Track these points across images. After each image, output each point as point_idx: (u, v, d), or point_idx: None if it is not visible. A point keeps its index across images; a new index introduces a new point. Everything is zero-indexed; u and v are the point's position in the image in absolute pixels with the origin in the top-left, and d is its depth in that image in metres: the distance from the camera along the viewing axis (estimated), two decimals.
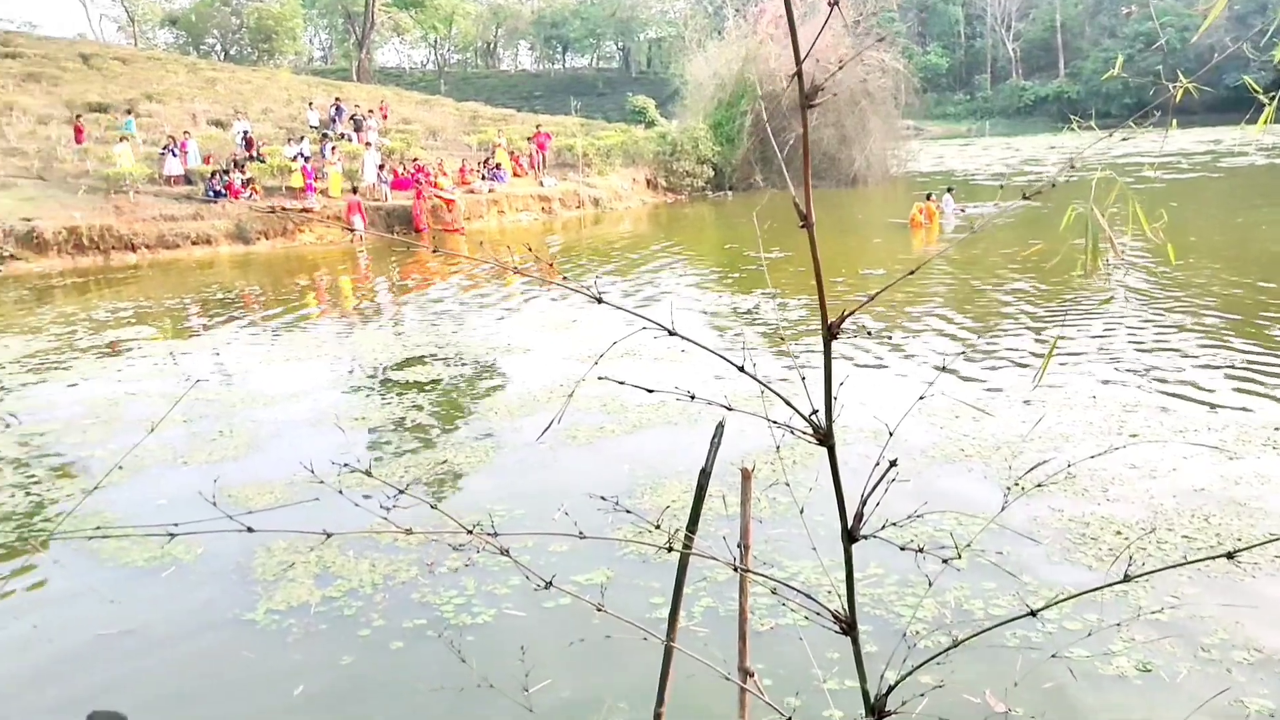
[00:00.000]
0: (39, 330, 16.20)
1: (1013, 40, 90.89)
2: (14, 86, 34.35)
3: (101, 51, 42.62)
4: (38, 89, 34.76)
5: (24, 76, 35.68)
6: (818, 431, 1.52)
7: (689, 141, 38.91)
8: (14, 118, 31.46)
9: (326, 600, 6.14)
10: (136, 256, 25.35)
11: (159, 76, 39.21)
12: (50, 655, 5.65)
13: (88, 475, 8.89)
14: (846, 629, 1.61)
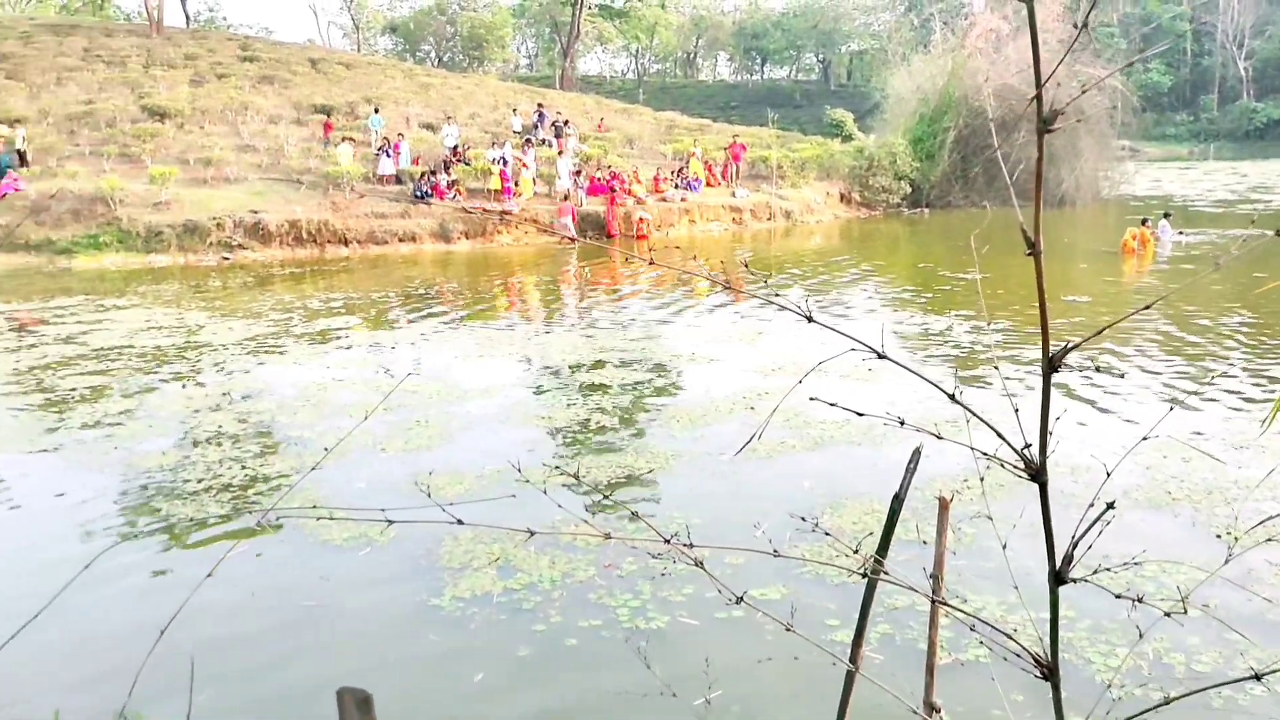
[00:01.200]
0: (259, 316, 17.39)
1: (1245, 58, 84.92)
2: (250, 88, 37.05)
3: (328, 56, 45.41)
4: (270, 90, 37.36)
5: (259, 79, 38.42)
6: (1030, 466, 1.46)
7: (886, 156, 38.16)
8: (248, 117, 33.93)
9: (507, 592, 6.33)
10: (348, 250, 26.87)
11: (378, 81, 41.45)
12: (261, 623, 6.04)
13: (295, 454, 9.47)
14: (1047, 674, 1.54)
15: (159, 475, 8.88)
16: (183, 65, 38.47)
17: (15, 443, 10.02)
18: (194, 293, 20.43)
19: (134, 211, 26.12)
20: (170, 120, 32.75)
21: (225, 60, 39.94)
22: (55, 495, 8.59)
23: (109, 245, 25.48)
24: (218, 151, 30.26)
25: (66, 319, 17.13)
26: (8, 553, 7.41)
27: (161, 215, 26.24)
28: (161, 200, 26.65)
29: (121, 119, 32.24)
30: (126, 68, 37.48)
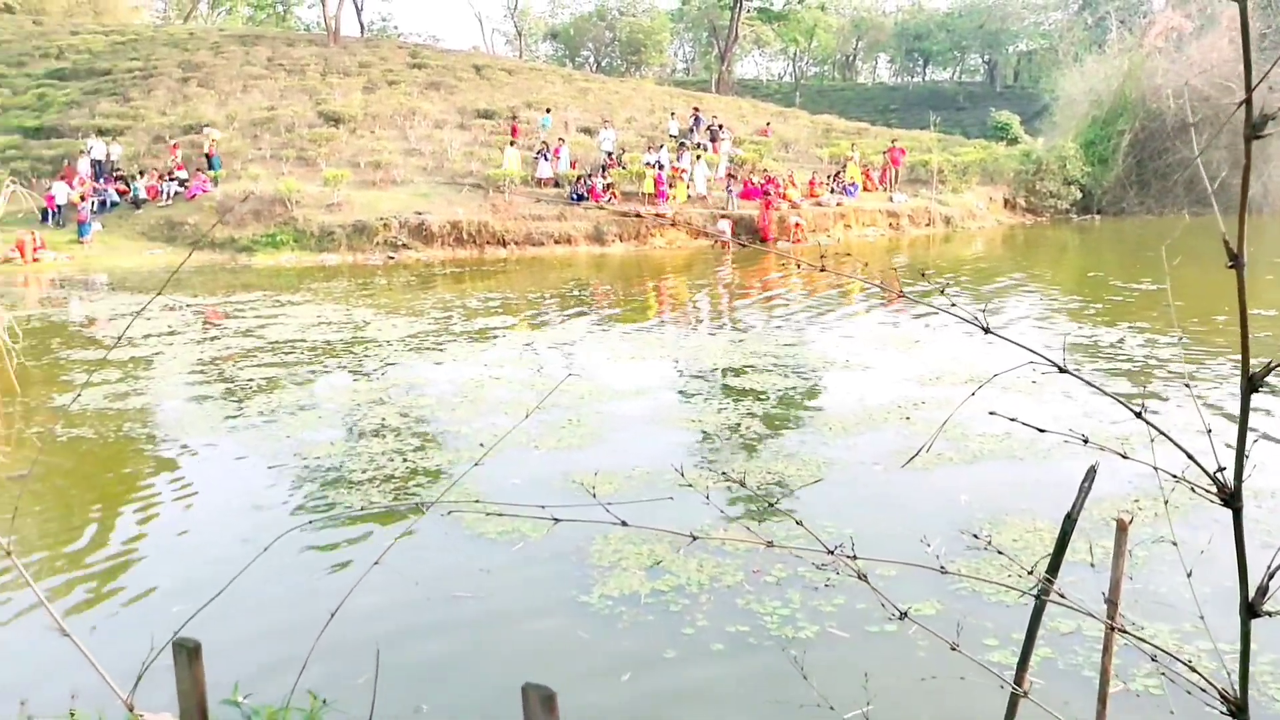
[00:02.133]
0: (421, 313, 18.02)
1: None
2: (418, 94, 38.46)
3: (491, 63, 46.71)
4: (437, 96, 38.70)
5: (426, 85, 39.84)
6: (1223, 490, 1.38)
7: (1055, 160, 36.72)
8: (416, 122, 35.22)
9: (655, 593, 6.36)
10: (506, 251, 27.58)
11: (538, 86, 42.39)
12: (419, 611, 6.26)
13: (453, 449, 9.76)
14: (1236, 710, 1.45)
15: (327, 464, 9.30)
16: (357, 73, 40.22)
17: (199, 429, 10.67)
18: (361, 290, 21.33)
19: (309, 212, 27.49)
20: (344, 125, 34.30)
21: (396, 67, 41.56)
22: (234, 480, 9.11)
23: (285, 244, 26.88)
24: (386, 155, 31.55)
25: (246, 313, 18.14)
26: (190, 533, 7.90)
27: (333, 216, 27.52)
28: (334, 202, 27.96)
29: (300, 124, 33.96)
30: (305, 76, 39.45)
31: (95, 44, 44.42)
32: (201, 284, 22.42)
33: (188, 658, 2.33)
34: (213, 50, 42.47)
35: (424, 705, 5.09)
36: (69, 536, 7.82)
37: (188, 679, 2.34)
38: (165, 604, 6.36)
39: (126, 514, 8.42)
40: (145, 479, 9.26)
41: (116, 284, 22.98)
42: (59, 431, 10.58)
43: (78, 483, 9.25)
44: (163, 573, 7.08)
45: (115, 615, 6.36)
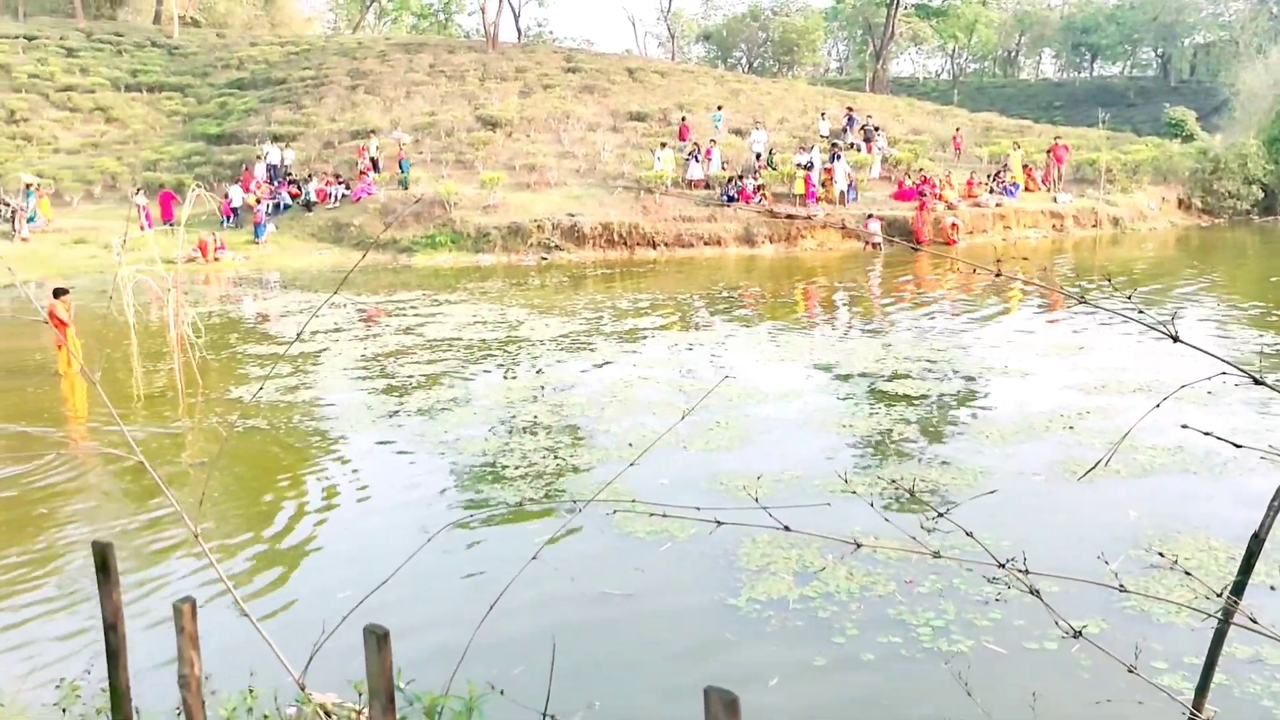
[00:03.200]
0: (573, 313, 18.32)
1: None
2: (572, 97, 39.13)
3: (644, 65, 47.11)
4: (590, 99, 39.28)
5: (580, 88, 40.50)
6: None
7: (1235, 159, 34.62)
8: (570, 125, 35.84)
9: (804, 599, 6.29)
10: (656, 253, 27.77)
11: (690, 88, 42.52)
12: (572, 607, 6.36)
13: (603, 448, 9.87)
14: None
15: (482, 459, 9.56)
16: (513, 78, 41.21)
17: (362, 422, 11.12)
18: (515, 290, 21.83)
19: (466, 214, 28.33)
20: (500, 129, 35.20)
21: (551, 72, 42.39)
22: (395, 472, 9.46)
23: (443, 245, 27.77)
24: (541, 158, 32.23)
25: (406, 312, 18.81)
26: (355, 523, 8.24)
27: (489, 217, 28.28)
28: (490, 204, 28.73)
29: (459, 128, 35.03)
30: (465, 81, 40.65)
31: (272, 54, 46.89)
32: (365, 283, 23.37)
33: (377, 643, 2.43)
34: (379, 58, 44.21)
35: (596, 702, 5.13)
36: (245, 523, 8.27)
37: (376, 663, 2.44)
38: (332, 590, 6.64)
39: (296, 503, 8.84)
40: (313, 470, 9.70)
41: (288, 283, 24.18)
42: (236, 422, 11.19)
43: (252, 472, 9.77)
44: (329, 560, 7.41)
45: (286, 599, 6.69)
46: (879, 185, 31.90)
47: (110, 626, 3.02)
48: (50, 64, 42.50)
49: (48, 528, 8.29)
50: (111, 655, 3.02)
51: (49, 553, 7.76)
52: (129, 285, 14.32)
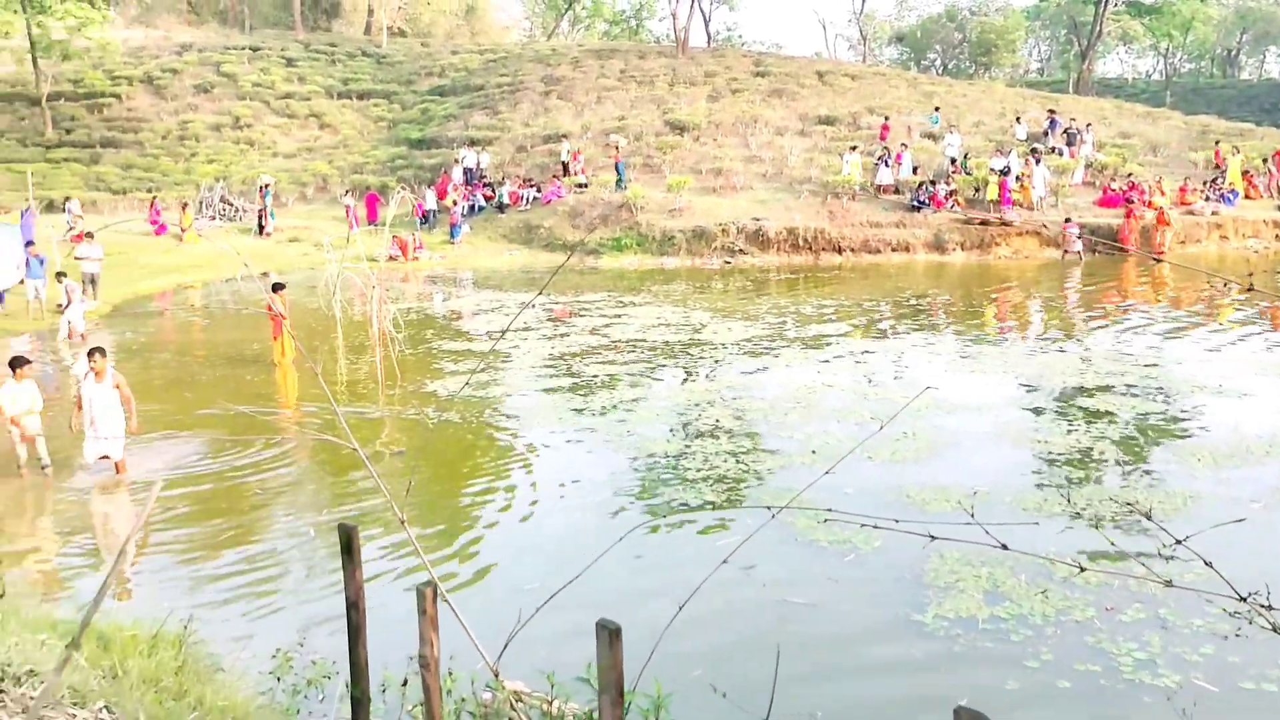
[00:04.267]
0: (756, 318, 18.24)
1: None
2: (760, 101, 38.99)
3: (834, 69, 46.44)
4: (778, 103, 39.04)
5: (769, 92, 40.29)
6: None
7: None
8: (757, 129, 35.73)
9: (994, 620, 6.05)
10: (842, 258, 27.33)
11: (882, 91, 41.65)
12: (760, 616, 6.33)
13: (785, 453, 9.79)
14: None
15: (664, 461, 9.64)
16: (702, 82, 41.41)
17: (549, 419, 11.40)
18: (698, 293, 21.93)
19: (652, 217, 28.64)
20: (688, 133, 35.43)
21: (740, 76, 42.36)
22: (579, 469, 9.65)
23: (629, 247, 28.16)
24: (727, 162, 32.26)
25: (592, 313, 19.17)
26: (541, 517, 8.46)
27: (675, 221, 28.50)
28: (676, 207, 28.96)
29: (647, 132, 35.47)
30: (654, 86, 41.14)
31: (471, 62, 48.76)
32: (553, 284, 23.96)
33: (609, 639, 2.48)
34: (572, 64, 45.29)
35: (818, 712, 5.07)
36: (438, 512, 8.62)
37: (608, 657, 2.49)
38: (519, 581, 6.84)
39: (486, 494, 9.16)
40: (503, 463, 10.03)
41: (480, 282, 25.06)
42: (432, 415, 11.68)
43: (446, 463, 10.17)
44: (517, 551, 7.63)
45: (477, 587, 6.93)
46: (1082, 191, 30.37)
47: (352, 604, 3.19)
48: (272, 73, 45.48)
49: (258, 508, 8.87)
50: (353, 632, 3.18)
51: (259, 531, 8.30)
52: (337, 282, 15.18)
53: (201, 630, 5.31)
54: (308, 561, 7.60)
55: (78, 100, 41.54)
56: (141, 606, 5.43)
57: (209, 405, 12.45)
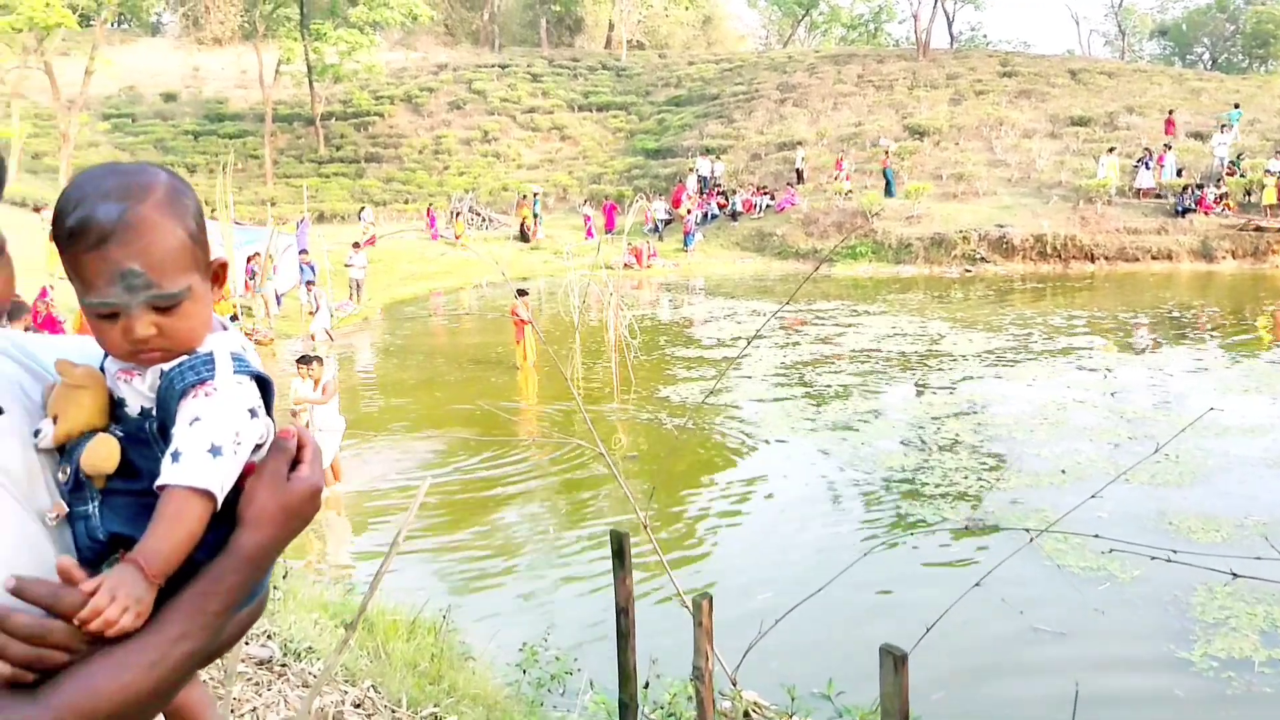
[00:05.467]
0: (998, 329, 17.44)
1: None
2: (1007, 103, 37.34)
3: (1089, 66, 43.87)
4: (1026, 104, 37.25)
5: (1016, 93, 38.53)
6: None
7: None
8: (1003, 132, 34.24)
9: (1272, 662, 5.50)
10: (1094, 267, 25.74)
11: (1142, 89, 38.98)
12: (1008, 645, 6.04)
13: (1031, 471, 9.28)
14: None
15: (899, 475, 9.36)
16: (944, 85, 40.10)
17: (779, 428, 11.32)
18: (936, 303, 21.21)
19: (888, 225, 27.98)
20: (928, 138, 34.40)
21: (985, 77, 40.74)
22: (810, 480, 9.52)
23: (864, 255, 27.64)
24: (970, 167, 31.07)
25: (824, 321, 18.91)
26: (772, 528, 8.40)
27: (912, 228, 27.73)
28: (913, 214, 28.16)
29: (885, 138, 34.70)
30: (893, 90, 40.21)
31: (707, 72, 49.28)
32: (784, 292, 23.81)
33: (894, 665, 2.43)
34: (808, 71, 44.95)
35: None
36: (670, 517, 8.71)
37: (894, 684, 2.44)
38: (751, 590, 6.80)
39: (717, 502, 9.19)
40: (733, 471, 10.03)
41: (711, 289, 25.24)
42: (670, 422, 11.85)
43: (677, 469, 10.27)
44: (748, 561, 7.60)
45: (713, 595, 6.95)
46: None
47: (622, 610, 3.26)
48: (518, 89, 47.62)
49: (501, 505, 9.26)
50: (622, 637, 3.26)
51: (502, 528, 8.67)
52: (575, 289, 15.68)
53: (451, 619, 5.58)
54: (548, 559, 7.87)
55: (346, 119, 44.98)
56: (396, 594, 5.76)
57: (457, 404, 13.15)
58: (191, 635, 1.01)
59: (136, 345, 1.05)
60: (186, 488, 1.02)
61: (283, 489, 1.09)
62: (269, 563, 1.10)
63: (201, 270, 1.09)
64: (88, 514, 1.07)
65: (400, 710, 3.53)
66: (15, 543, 1.02)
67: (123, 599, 0.97)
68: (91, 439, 1.07)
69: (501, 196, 38.18)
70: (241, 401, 1.08)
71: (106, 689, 0.95)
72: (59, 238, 1.03)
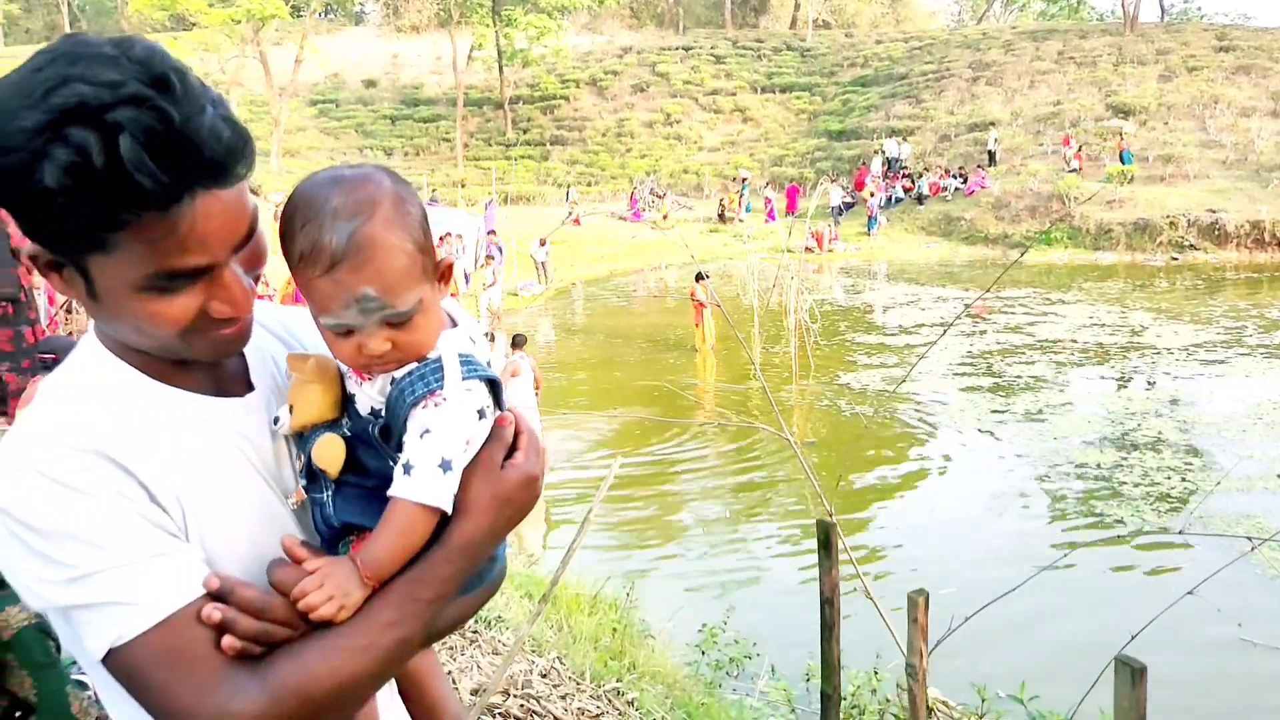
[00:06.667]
0: (1208, 322, 16.32)
1: None
2: (1223, 79, 34.76)
3: None
4: (1245, 81, 34.58)
5: (1234, 69, 35.79)
6: None
7: None
8: (1217, 111, 31.93)
9: None
10: None
11: None
12: (1205, 656, 5.68)
13: (1242, 475, 8.63)
14: None
15: (1094, 473, 8.90)
16: (1152, 61, 37.66)
17: (965, 419, 10.95)
18: (1138, 292, 20.03)
19: (1086, 209, 26.56)
20: (1133, 117, 32.44)
21: (1198, 52, 38.01)
22: (998, 474, 9.17)
23: (1058, 241, 26.36)
24: (1179, 148, 29.14)
25: (1015, 309, 18.15)
26: (956, 522, 8.14)
27: (1113, 213, 26.25)
28: (1115, 198, 26.63)
29: (1085, 118, 32.95)
30: (1096, 67, 38.03)
31: (895, 51, 47.92)
32: (970, 278, 23.00)
33: (1131, 678, 2.33)
34: (1003, 48, 43.07)
35: None
36: (849, 506, 8.56)
37: (1128, 697, 2.35)
38: (932, 584, 6.60)
39: (898, 492, 8.98)
40: (915, 462, 9.78)
41: (894, 274, 24.62)
42: (844, 407, 11.65)
43: (858, 458, 10.07)
44: (931, 554, 7.40)
45: (891, 587, 6.79)
46: None
47: (826, 601, 3.24)
48: (701, 71, 47.57)
49: (680, 486, 9.33)
50: (826, 629, 3.24)
51: (680, 509, 8.73)
52: (755, 272, 15.60)
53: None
54: (725, 543, 7.88)
55: (533, 103, 46.07)
56: (575, 569, 5.88)
57: (636, 384, 13.31)
58: (402, 623, 1.03)
59: (371, 360, 1.06)
60: (417, 504, 1.04)
61: (497, 478, 1.09)
62: (483, 552, 1.10)
63: (430, 279, 1.09)
64: (323, 502, 1.11)
65: (584, 683, 3.60)
66: (260, 517, 1.08)
67: (330, 588, 1.00)
68: (321, 435, 1.10)
69: (682, 179, 38.32)
70: (470, 406, 1.08)
71: (317, 670, 0.98)
72: (287, 256, 1.04)
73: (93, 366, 1.07)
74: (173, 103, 0.91)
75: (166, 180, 0.90)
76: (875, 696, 3.87)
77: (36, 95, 0.89)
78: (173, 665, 0.95)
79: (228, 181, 0.97)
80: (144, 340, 1.04)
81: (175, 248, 0.95)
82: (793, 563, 7.34)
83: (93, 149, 0.87)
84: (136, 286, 0.97)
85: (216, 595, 0.98)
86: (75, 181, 0.88)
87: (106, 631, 0.94)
